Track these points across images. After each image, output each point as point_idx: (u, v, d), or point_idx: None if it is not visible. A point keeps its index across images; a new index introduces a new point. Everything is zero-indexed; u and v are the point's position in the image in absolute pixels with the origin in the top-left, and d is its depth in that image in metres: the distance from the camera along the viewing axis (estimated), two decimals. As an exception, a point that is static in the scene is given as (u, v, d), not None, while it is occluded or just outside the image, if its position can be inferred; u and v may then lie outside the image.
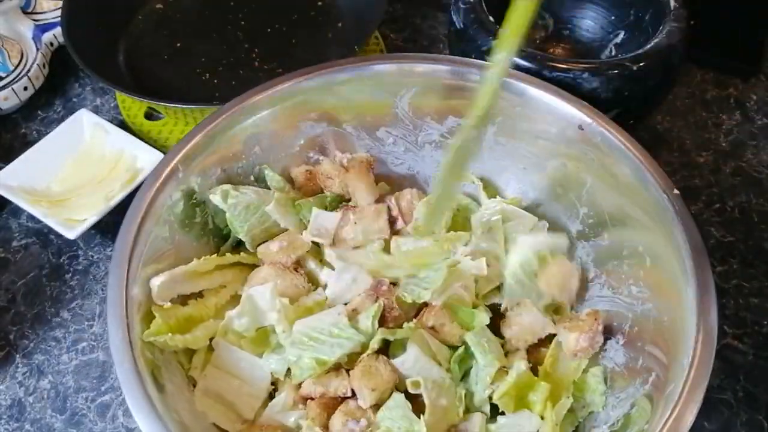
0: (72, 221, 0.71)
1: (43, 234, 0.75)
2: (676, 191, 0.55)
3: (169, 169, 0.59)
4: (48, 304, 0.71)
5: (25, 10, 0.90)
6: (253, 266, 0.63)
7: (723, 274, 0.72)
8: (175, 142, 0.80)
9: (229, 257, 0.63)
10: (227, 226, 0.63)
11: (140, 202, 0.57)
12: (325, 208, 0.65)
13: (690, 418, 0.45)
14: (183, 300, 0.59)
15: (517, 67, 0.65)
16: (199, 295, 0.61)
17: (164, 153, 0.74)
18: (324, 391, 0.55)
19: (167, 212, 0.59)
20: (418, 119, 0.67)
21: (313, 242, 0.63)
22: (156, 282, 0.56)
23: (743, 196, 0.78)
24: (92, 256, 0.74)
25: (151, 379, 0.50)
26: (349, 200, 0.67)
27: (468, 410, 0.56)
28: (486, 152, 0.67)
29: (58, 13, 0.88)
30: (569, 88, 0.63)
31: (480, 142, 0.64)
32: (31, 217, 0.76)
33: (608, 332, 0.59)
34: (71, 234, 0.69)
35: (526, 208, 0.66)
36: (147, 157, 0.75)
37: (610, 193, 0.60)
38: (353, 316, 0.57)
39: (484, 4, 0.71)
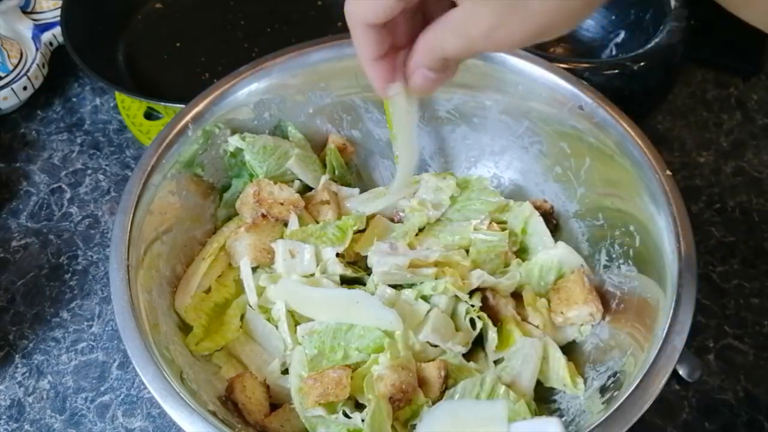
0: None
1: (43, 234, 0.75)
2: (668, 172, 0.56)
3: (180, 126, 0.61)
4: (47, 304, 0.71)
5: (25, 9, 0.89)
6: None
7: (723, 274, 0.72)
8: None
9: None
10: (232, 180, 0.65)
11: (148, 159, 0.59)
12: None
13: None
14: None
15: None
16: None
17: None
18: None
19: (176, 160, 0.61)
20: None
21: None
22: (182, 306, 0.59)
23: (744, 195, 0.78)
24: (92, 256, 0.74)
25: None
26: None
27: None
28: (489, 131, 0.68)
29: (58, 12, 0.88)
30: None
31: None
32: (31, 217, 0.76)
33: None
34: None
35: (527, 188, 0.68)
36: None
37: (607, 174, 0.61)
38: None
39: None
